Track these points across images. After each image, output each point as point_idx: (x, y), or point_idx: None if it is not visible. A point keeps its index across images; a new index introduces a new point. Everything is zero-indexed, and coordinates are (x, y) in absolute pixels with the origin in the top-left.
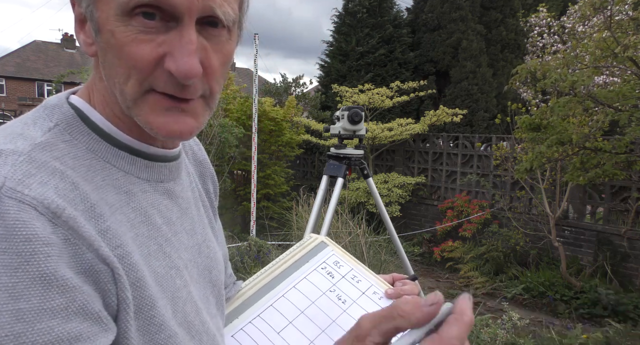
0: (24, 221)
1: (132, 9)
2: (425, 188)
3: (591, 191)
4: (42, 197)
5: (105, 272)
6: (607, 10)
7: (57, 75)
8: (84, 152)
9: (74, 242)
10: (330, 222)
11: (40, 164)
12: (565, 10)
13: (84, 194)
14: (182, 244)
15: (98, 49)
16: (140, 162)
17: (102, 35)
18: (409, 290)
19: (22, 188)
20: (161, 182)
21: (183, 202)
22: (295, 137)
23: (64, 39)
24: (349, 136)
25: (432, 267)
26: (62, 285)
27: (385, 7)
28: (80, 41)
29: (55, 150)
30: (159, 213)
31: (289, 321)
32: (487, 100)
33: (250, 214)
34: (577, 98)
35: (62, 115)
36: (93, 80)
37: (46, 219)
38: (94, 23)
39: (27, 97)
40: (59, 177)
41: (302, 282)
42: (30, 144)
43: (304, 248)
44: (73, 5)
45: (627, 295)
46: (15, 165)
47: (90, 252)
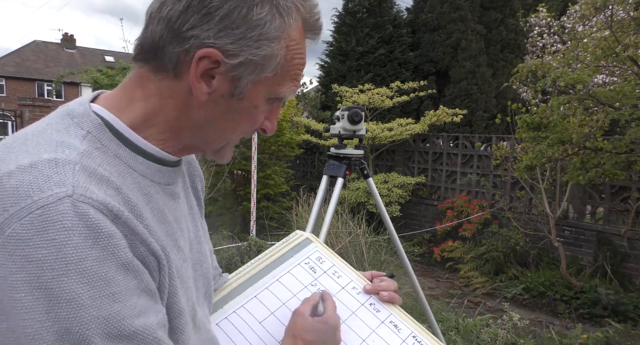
0: (102, 220)
1: (276, 98)
2: (425, 188)
3: (591, 191)
4: (106, 202)
5: (153, 262)
6: (608, 10)
7: (57, 75)
8: (112, 158)
9: (130, 237)
10: (330, 222)
11: (91, 172)
12: (565, 10)
13: (127, 197)
14: (185, 240)
15: (211, 102)
16: (154, 166)
17: (242, 102)
18: (385, 286)
19: (90, 194)
20: (168, 185)
21: (181, 202)
22: (295, 137)
23: (64, 39)
24: (349, 136)
25: (432, 267)
26: (134, 270)
27: (385, 7)
28: (197, 86)
29: (96, 157)
30: (170, 212)
31: (271, 312)
32: (487, 100)
33: (250, 214)
34: (577, 96)
35: (91, 124)
36: (136, 99)
37: (109, 219)
38: (238, 90)
39: (27, 97)
40: (106, 183)
41: (285, 276)
42: (77, 153)
43: (289, 244)
44: (217, 64)
45: (627, 295)
46: (75, 174)
47: (142, 246)
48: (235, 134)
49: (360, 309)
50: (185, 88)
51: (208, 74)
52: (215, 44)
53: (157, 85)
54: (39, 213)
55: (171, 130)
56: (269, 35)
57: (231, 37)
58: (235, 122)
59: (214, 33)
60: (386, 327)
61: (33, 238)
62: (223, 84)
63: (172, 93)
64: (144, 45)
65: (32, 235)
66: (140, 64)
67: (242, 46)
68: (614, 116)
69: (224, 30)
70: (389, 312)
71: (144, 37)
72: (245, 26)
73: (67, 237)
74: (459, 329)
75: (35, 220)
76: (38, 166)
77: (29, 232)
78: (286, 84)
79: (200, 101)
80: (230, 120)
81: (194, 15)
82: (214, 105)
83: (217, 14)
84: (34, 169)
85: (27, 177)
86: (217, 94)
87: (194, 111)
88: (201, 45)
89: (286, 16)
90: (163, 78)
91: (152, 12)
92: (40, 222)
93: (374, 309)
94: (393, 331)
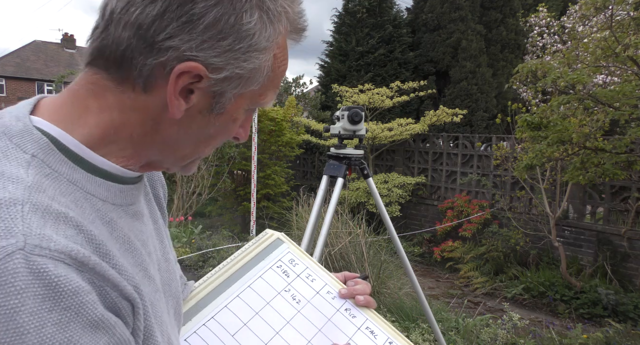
0: (64, 276)
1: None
2: (425, 188)
3: (591, 191)
4: (68, 249)
5: (127, 307)
6: (608, 10)
7: (57, 75)
8: (66, 185)
9: (99, 284)
10: (330, 222)
11: (44, 211)
12: (565, 10)
13: (89, 234)
14: (154, 265)
15: (186, 118)
16: (115, 187)
17: (221, 116)
18: (361, 290)
19: (47, 243)
20: (131, 205)
21: (145, 219)
22: (295, 137)
23: (64, 39)
24: (349, 136)
25: (432, 267)
26: (105, 327)
27: (385, 7)
28: (174, 103)
29: (47, 188)
30: (136, 237)
31: (244, 323)
32: (487, 100)
33: (250, 214)
34: (577, 96)
35: (35, 144)
36: (91, 112)
37: (74, 269)
38: (219, 105)
39: (27, 97)
40: (64, 222)
41: (257, 282)
42: (24, 188)
43: (260, 245)
44: (199, 78)
45: (627, 295)
46: (25, 218)
47: (114, 292)
48: (208, 148)
49: (336, 315)
50: (156, 103)
51: (187, 88)
52: (198, 56)
53: (118, 98)
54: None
55: (134, 146)
56: (258, 45)
57: (216, 49)
58: (210, 137)
59: (197, 44)
60: (363, 334)
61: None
62: (202, 99)
63: (137, 107)
64: (104, 51)
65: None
66: (96, 69)
67: (229, 59)
68: (614, 116)
69: (209, 41)
70: (365, 318)
71: (102, 41)
72: (232, 37)
73: (20, 302)
74: (459, 329)
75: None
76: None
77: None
78: (269, 94)
79: (173, 117)
80: (205, 135)
81: (172, 23)
82: (188, 122)
83: (200, 22)
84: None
85: None
86: (195, 109)
87: (164, 127)
88: (181, 58)
89: (277, 23)
90: (126, 90)
91: (113, 10)
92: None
93: (349, 314)
94: (369, 338)
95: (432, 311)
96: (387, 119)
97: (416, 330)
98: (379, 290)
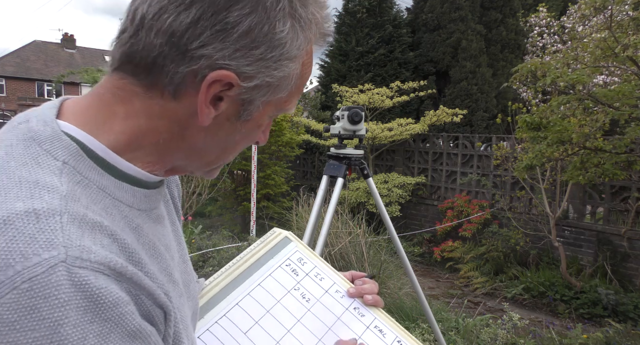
0: (105, 288)
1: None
2: (425, 188)
3: (591, 191)
4: (107, 260)
5: (160, 315)
6: (607, 10)
7: (57, 75)
8: (96, 192)
9: (135, 293)
10: (330, 222)
11: (80, 221)
12: (565, 10)
13: (123, 243)
14: (176, 269)
15: (214, 125)
16: (141, 192)
17: (247, 123)
18: (369, 289)
19: (87, 255)
20: (154, 209)
21: (165, 222)
22: (295, 137)
23: (64, 39)
24: (349, 136)
25: (432, 267)
26: (143, 336)
27: (385, 7)
28: (204, 111)
29: (80, 197)
30: (159, 241)
31: (255, 321)
32: (487, 100)
33: (250, 214)
34: (576, 96)
35: (66, 151)
36: (117, 117)
37: (113, 280)
38: (247, 112)
39: (27, 97)
40: (99, 231)
41: (267, 280)
42: (60, 197)
43: (268, 243)
44: (230, 86)
45: (627, 295)
46: (64, 229)
47: (149, 300)
48: (232, 154)
49: (345, 313)
50: (185, 110)
51: (216, 96)
52: (230, 65)
53: (145, 103)
54: (25, 287)
55: (160, 152)
56: (289, 54)
57: (249, 58)
58: (237, 143)
59: (230, 53)
60: (371, 333)
61: (20, 320)
62: (231, 106)
63: (165, 114)
64: (134, 57)
65: (18, 317)
66: (124, 75)
67: (261, 68)
68: (614, 116)
69: (241, 49)
70: (374, 316)
71: (132, 46)
72: (265, 46)
73: (63, 315)
74: (459, 329)
75: (21, 297)
76: (14, 222)
77: (14, 313)
78: (293, 101)
79: (201, 125)
80: (232, 142)
81: (205, 31)
82: (216, 129)
83: (234, 31)
84: (9, 226)
85: (2, 239)
86: (223, 116)
87: (191, 134)
88: (213, 67)
89: (307, 31)
90: (154, 96)
91: (144, 16)
92: (28, 299)
93: (358, 313)
94: (378, 336)
95: (432, 311)
96: (387, 119)
97: (416, 330)
98: (379, 290)
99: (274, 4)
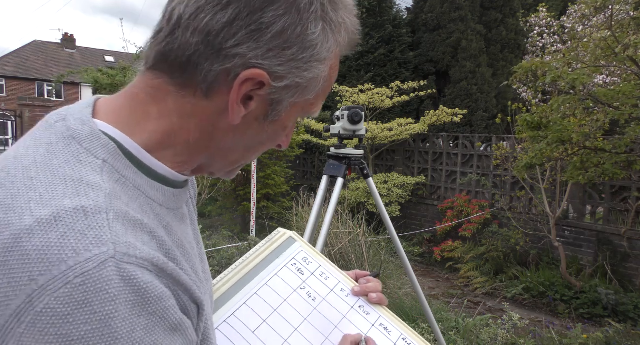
0: (150, 283)
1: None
2: (425, 188)
3: (591, 191)
4: (150, 256)
5: (194, 310)
6: (607, 10)
7: (57, 75)
8: (132, 191)
9: (174, 289)
10: (330, 222)
11: (124, 218)
12: (565, 10)
13: (161, 240)
14: (200, 267)
15: (242, 124)
16: (170, 192)
17: (274, 124)
18: (373, 287)
19: (134, 251)
20: (180, 208)
21: (188, 221)
22: (295, 137)
23: (64, 39)
24: (349, 136)
25: (432, 267)
26: (182, 329)
27: (385, 7)
28: (235, 109)
29: (121, 195)
30: (186, 239)
31: (263, 320)
32: (487, 100)
33: (250, 214)
34: (577, 97)
35: (104, 149)
36: (151, 116)
37: (155, 275)
38: (275, 112)
39: (27, 97)
40: (140, 229)
41: (273, 279)
42: (104, 195)
43: (273, 243)
44: (261, 85)
45: (627, 295)
46: (111, 227)
47: (186, 296)
48: (255, 155)
49: (351, 312)
50: (216, 109)
51: (247, 95)
52: (263, 64)
53: (178, 102)
54: (78, 282)
55: (189, 152)
56: (319, 56)
57: (281, 58)
58: (262, 144)
59: (263, 52)
60: (377, 330)
61: (73, 313)
62: (260, 106)
63: (197, 113)
64: (169, 55)
65: (71, 311)
66: (158, 74)
67: (292, 68)
68: (614, 116)
69: (274, 49)
70: (379, 314)
71: (168, 45)
72: (297, 46)
73: (114, 308)
74: (459, 329)
75: (74, 291)
76: (64, 219)
77: (67, 306)
78: (318, 104)
79: (231, 124)
80: (257, 142)
81: (241, 31)
82: (245, 128)
83: (268, 31)
84: (59, 223)
85: (54, 235)
86: (252, 116)
87: (220, 133)
88: (247, 66)
89: (337, 34)
90: (187, 95)
91: (181, 16)
92: (81, 293)
93: (363, 311)
94: (384, 334)
95: (432, 311)
96: (387, 119)
97: (416, 330)
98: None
99: (307, 7)
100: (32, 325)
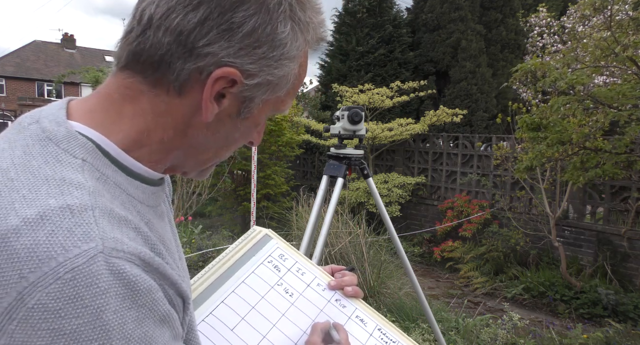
0: (139, 276)
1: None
2: (425, 188)
3: (591, 191)
4: (137, 251)
5: (180, 303)
6: (607, 10)
7: (57, 75)
8: (114, 189)
9: (161, 282)
10: (330, 222)
11: (109, 215)
12: (565, 10)
13: (145, 235)
14: (180, 263)
15: (215, 121)
16: (149, 189)
17: (246, 121)
18: (348, 281)
19: (121, 246)
20: (158, 206)
21: (166, 219)
22: (295, 137)
23: (64, 39)
24: (349, 136)
25: (432, 267)
26: (170, 320)
27: (385, 7)
28: (208, 108)
29: (104, 193)
30: (166, 236)
31: (241, 317)
32: (487, 100)
33: (250, 214)
34: (576, 97)
35: (83, 149)
36: (126, 116)
37: (142, 269)
38: (247, 110)
39: (27, 97)
40: (125, 224)
41: (250, 277)
42: (88, 193)
43: (249, 241)
44: (233, 83)
45: (627, 295)
46: (98, 224)
47: (172, 289)
48: (227, 153)
49: (328, 305)
50: (189, 107)
51: (219, 93)
52: (235, 63)
53: (152, 101)
54: (68, 278)
55: (164, 150)
56: (289, 54)
57: (252, 57)
58: (234, 141)
59: (234, 51)
60: (353, 322)
61: (64, 308)
62: (233, 103)
63: (170, 111)
64: (141, 55)
65: (62, 305)
66: (131, 73)
67: (263, 66)
68: (613, 117)
69: (245, 48)
70: (354, 307)
71: (140, 45)
72: (267, 45)
73: (104, 302)
74: (459, 329)
75: (65, 287)
76: (51, 218)
77: (58, 302)
78: (288, 101)
79: (204, 121)
80: (230, 139)
81: (212, 30)
82: (218, 126)
83: (239, 31)
84: (46, 221)
85: (42, 233)
86: (224, 113)
87: (193, 131)
88: (219, 64)
89: (305, 33)
90: (160, 94)
91: (152, 16)
92: (72, 288)
93: (340, 304)
94: (360, 325)
95: (432, 311)
96: (387, 119)
97: (416, 330)
98: (379, 290)
99: (277, 7)
100: (24, 322)
